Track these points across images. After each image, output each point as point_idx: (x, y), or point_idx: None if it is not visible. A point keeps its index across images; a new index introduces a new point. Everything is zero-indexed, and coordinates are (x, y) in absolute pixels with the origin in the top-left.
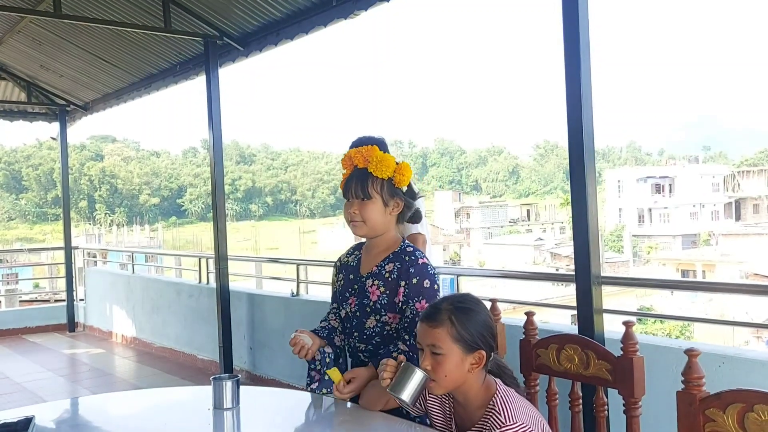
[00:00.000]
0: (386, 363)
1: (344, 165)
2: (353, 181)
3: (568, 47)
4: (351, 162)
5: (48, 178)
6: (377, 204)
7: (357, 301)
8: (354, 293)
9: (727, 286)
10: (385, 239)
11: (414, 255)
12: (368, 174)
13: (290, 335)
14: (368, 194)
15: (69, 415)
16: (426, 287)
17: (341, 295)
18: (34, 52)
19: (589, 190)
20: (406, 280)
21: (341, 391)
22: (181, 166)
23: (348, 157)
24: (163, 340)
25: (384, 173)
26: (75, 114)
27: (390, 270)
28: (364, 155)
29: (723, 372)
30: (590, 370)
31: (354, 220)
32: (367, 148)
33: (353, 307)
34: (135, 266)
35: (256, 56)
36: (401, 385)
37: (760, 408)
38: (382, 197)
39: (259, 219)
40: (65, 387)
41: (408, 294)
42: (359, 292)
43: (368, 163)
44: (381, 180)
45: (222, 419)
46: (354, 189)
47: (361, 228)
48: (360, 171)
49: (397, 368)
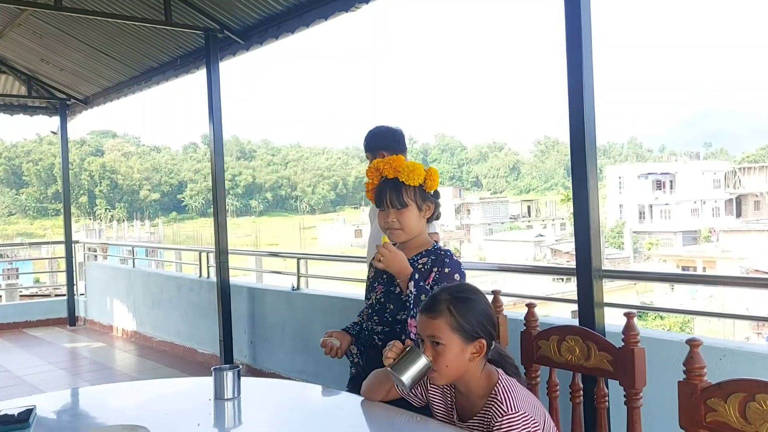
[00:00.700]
0: (394, 343)
1: (370, 175)
2: (387, 192)
3: (570, 42)
4: (379, 173)
5: (48, 173)
6: (413, 211)
7: (384, 288)
8: (383, 282)
9: (726, 279)
10: (419, 240)
11: (449, 252)
12: (401, 183)
13: (291, 329)
14: (404, 203)
15: (70, 406)
16: (456, 279)
17: (370, 286)
18: (35, 46)
19: (590, 183)
20: (440, 268)
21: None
22: (182, 161)
23: (375, 168)
24: (163, 334)
25: (416, 181)
26: (75, 108)
27: (424, 262)
28: (393, 166)
29: (724, 365)
30: (591, 362)
31: (393, 228)
32: (395, 158)
33: (379, 294)
34: (135, 260)
35: (256, 50)
36: (403, 367)
37: (762, 397)
38: (416, 203)
39: (259, 215)
40: (66, 380)
41: (437, 279)
42: (387, 281)
43: (398, 172)
44: (413, 188)
45: (223, 409)
46: (389, 199)
47: (399, 235)
48: (392, 181)
49: (403, 351)
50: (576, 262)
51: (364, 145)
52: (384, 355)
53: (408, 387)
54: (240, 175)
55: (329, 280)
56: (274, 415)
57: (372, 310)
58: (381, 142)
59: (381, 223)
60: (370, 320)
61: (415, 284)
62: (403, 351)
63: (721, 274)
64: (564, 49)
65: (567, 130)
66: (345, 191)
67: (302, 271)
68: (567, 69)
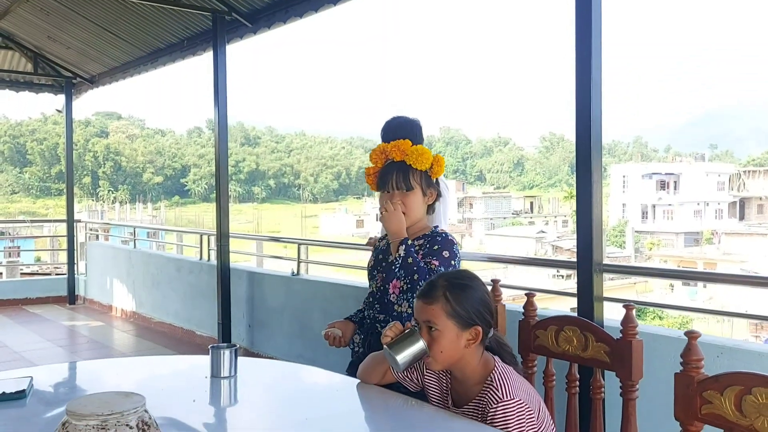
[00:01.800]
0: (394, 324)
1: (374, 158)
2: (394, 173)
3: (579, 39)
4: (384, 155)
5: (52, 152)
6: (418, 194)
7: (384, 276)
8: (382, 270)
9: (724, 276)
10: (419, 226)
11: (444, 234)
12: (408, 166)
13: (289, 314)
14: (410, 185)
15: (66, 378)
16: (444, 256)
17: (370, 274)
18: (42, 23)
19: (594, 178)
20: (429, 246)
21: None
22: (186, 145)
23: (381, 150)
24: (162, 315)
25: (423, 165)
26: (81, 87)
27: (420, 244)
28: (401, 149)
29: (721, 362)
30: (588, 352)
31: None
32: (402, 142)
33: (379, 282)
34: (137, 242)
35: (264, 33)
36: (399, 348)
37: (758, 390)
38: (421, 188)
39: (261, 202)
40: (63, 357)
41: (425, 254)
42: (387, 269)
43: (406, 155)
44: (420, 171)
45: (219, 387)
46: (395, 181)
47: None
48: (399, 163)
49: (401, 332)
50: (577, 255)
51: (382, 135)
52: (383, 334)
53: (401, 368)
54: (243, 161)
55: (329, 267)
56: (270, 395)
57: (373, 299)
58: (399, 133)
59: (383, 205)
60: (372, 308)
61: (406, 248)
62: (402, 332)
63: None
64: (573, 45)
65: (573, 126)
66: (348, 181)
67: (303, 258)
68: (575, 65)
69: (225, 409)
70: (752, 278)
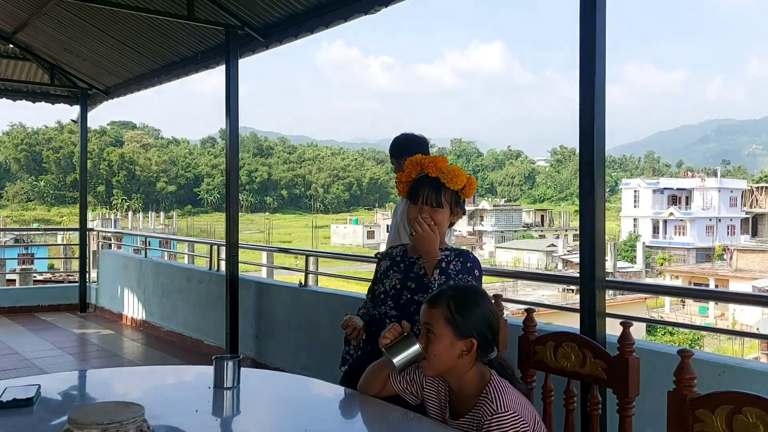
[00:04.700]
0: (393, 326)
1: (409, 168)
2: (426, 189)
3: (583, 57)
4: (420, 167)
5: (68, 161)
6: (446, 213)
7: (401, 275)
8: (399, 270)
9: (731, 295)
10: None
11: (471, 252)
12: (441, 184)
13: (296, 325)
14: (441, 203)
15: (73, 387)
16: (476, 275)
17: (383, 275)
18: (59, 35)
19: (597, 194)
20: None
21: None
22: (199, 155)
23: (417, 162)
24: (171, 325)
25: (457, 185)
26: (96, 98)
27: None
28: (438, 166)
29: (723, 381)
30: (586, 369)
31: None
32: (440, 158)
33: (394, 281)
34: (148, 251)
35: (275, 48)
36: (396, 349)
37: (749, 410)
38: (450, 206)
39: (273, 212)
40: (73, 365)
41: (459, 270)
42: (405, 269)
43: (441, 173)
44: (451, 191)
45: (222, 398)
46: (427, 196)
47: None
48: (432, 180)
49: (400, 335)
50: (580, 272)
51: (390, 151)
52: (381, 335)
53: (397, 369)
54: (256, 171)
55: (337, 279)
56: (271, 406)
57: (386, 296)
58: (406, 149)
59: (411, 216)
60: (384, 305)
61: (441, 271)
62: (400, 335)
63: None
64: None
65: None
66: (359, 192)
67: (312, 269)
68: (579, 82)
69: (226, 419)
70: (753, 297)
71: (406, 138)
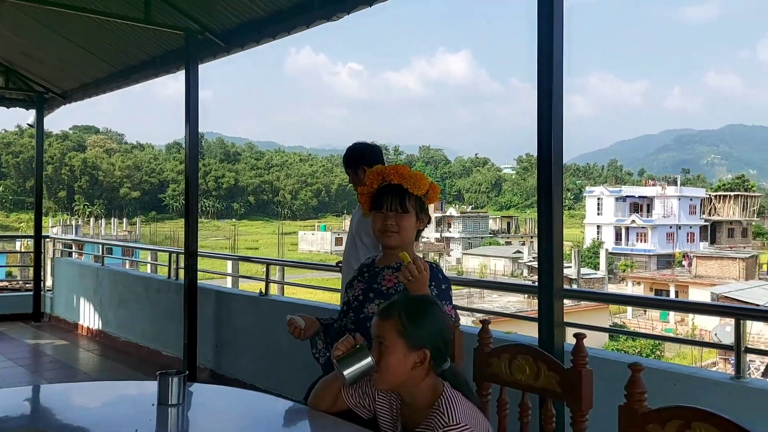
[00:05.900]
0: (346, 337)
1: (370, 179)
2: (390, 196)
3: (540, 68)
4: (381, 177)
5: (28, 166)
6: (412, 218)
7: (364, 286)
8: (363, 280)
9: (690, 305)
10: (408, 250)
11: (435, 263)
12: (405, 190)
13: (257, 335)
14: (406, 208)
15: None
16: (450, 295)
17: (349, 284)
18: (15, 38)
19: (555, 204)
20: (435, 282)
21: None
22: (165, 161)
23: (378, 172)
24: (128, 335)
25: (420, 190)
26: (53, 102)
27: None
28: (399, 172)
29: (678, 391)
30: (540, 382)
31: (390, 231)
32: (401, 166)
33: (358, 291)
34: (105, 258)
35: (237, 53)
36: (347, 362)
37: (698, 425)
38: (416, 212)
39: (240, 218)
40: (24, 377)
41: (438, 296)
42: (369, 279)
43: (403, 179)
44: (416, 196)
45: (166, 416)
46: (391, 202)
47: (395, 239)
48: (395, 186)
49: (352, 347)
50: (538, 282)
51: (344, 161)
52: (334, 347)
53: (347, 382)
54: (223, 177)
55: (300, 288)
56: (218, 424)
57: (348, 308)
58: (360, 158)
59: (377, 226)
60: (346, 317)
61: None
62: (353, 347)
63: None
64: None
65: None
66: (328, 199)
67: (278, 278)
68: (537, 92)
69: None
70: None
71: (360, 147)
